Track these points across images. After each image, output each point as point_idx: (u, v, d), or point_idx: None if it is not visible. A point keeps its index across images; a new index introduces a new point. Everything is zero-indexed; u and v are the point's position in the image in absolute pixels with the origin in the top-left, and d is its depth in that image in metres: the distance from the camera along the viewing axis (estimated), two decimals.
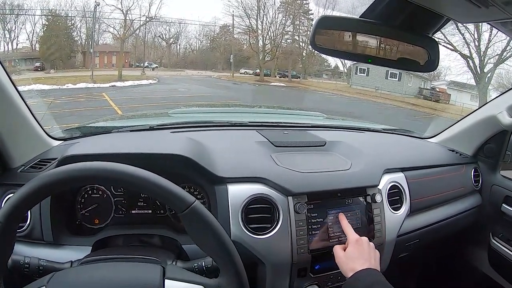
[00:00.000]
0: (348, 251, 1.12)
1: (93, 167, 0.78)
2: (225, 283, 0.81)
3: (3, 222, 0.74)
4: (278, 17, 24.74)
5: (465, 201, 1.74)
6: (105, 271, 0.86)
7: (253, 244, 1.14)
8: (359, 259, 1.08)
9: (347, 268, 1.07)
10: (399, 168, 1.49)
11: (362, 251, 1.11)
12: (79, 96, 13.33)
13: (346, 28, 0.88)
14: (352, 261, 1.08)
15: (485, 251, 1.82)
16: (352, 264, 1.07)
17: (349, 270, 1.06)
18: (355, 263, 1.06)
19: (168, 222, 1.29)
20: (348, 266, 1.07)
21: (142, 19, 22.05)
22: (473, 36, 17.49)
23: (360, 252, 1.10)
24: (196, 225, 0.80)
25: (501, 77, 17.74)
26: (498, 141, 1.75)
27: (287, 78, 24.89)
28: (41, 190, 0.76)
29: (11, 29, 19.05)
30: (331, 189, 1.26)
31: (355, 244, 1.13)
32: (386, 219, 1.34)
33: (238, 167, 1.25)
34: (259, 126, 1.70)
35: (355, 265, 1.06)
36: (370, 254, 1.12)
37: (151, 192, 0.80)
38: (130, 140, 1.42)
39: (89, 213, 1.24)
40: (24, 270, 0.90)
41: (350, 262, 1.08)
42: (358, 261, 1.07)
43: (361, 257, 1.09)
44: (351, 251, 1.11)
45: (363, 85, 22.97)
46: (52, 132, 1.41)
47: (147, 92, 15.69)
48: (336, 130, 1.90)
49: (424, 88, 21.91)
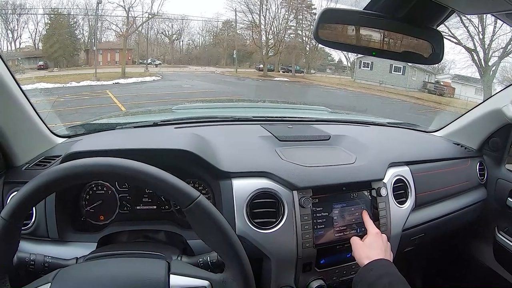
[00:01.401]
0: (367, 240, 1.16)
1: (97, 162, 0.78)
2: (230, 278, 0.81)
3: (8, 220, 0.74)
4: (281, 12, 24.71)
5: (470, 195, 1.73)
6: (111, 267, 0.86)
7: (258, 238, 1.14)
8: (376, 249, 1.11)
9: (363, 255, 1.10)
10: (404, 162, 1.49)
11: (380, 243, 1.14)
12: (83, 94, 13.34)
13: (349, 21, 0.88)
14: (369, 249, 1.12)
15: (491, 245, 1.81)
16: (369, 252, 1.11)
17: (364, 257, 1.09)
18: (371, 252, 1.10)
19: (173, 217, 1.29)
20: (364, 253, 1.11)
21: (145, 16, 22.08)
22: (477, 29, 17.36)
23: (378, 243, 1.14)
24: (201, 219, 0.79)
25: (506, 70, 17.67)
26: (503, 135, 1.74)
27: (290, 73, 24.87)
28: (45, 187, 0.76)
29: (13, 28, 19.14)
30: (336, 183, 1.25)
31: (375, 235, 1.17)
32: (391, 213, 1.33)
33: (242, 161, 1.25)
34: (263, 121, 1.70)
35: (371, 254, 1.09)
36: (387, 248, 1.16)
37: (156, 187, 0.80)
38: (134, 136, 1.43)
39: (94, 209, 1.25)
40: (30, 267, 0.91)
41: (367, 249, 1.12)
42: (374, 251, 1.10)
43: (378, 247, 1.12)
44: (370, 241, 1.15)
45: (367, 79, 22.89)
46: (56, 130, 1.41)
47: (151, 89, 15.68)
48: (340, 124, 1.89)
49: (429, 82, 21.77)
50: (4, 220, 0.74)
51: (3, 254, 0.76)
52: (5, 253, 0.77)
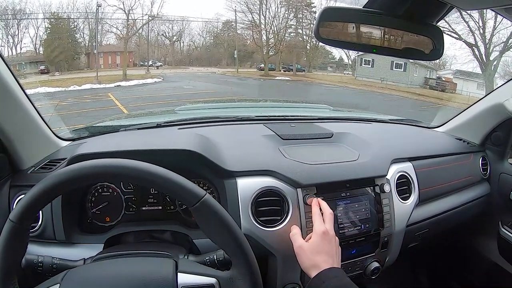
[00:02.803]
0: (312, 242, 1.03)
1: (103, 164, 0.79)
2: (237, 275, 0.82)
3: (16, 222, 0.75)
4: (280, 11, 24.77)
5: (473, 190, 1.73)
6: (118, 267, 0.87)
7: (264, 236, 1.15)
8: (322, 254, 1.00)
9: (309, 264, 1.00)
10: (407, 158, 1.49)
11: (326, 245, 1.02)
12: (85, 97, 13.40)
13: (349, 19, 0.88)
14: (315, 256, 1.00)
15: (495, 240, 1.81)
16: (314, 259, 0.99)
17: (311, 266, 0.99)
18: (317, 259, 0.99)
19: (179, 217, 1.30)
20: (310, 261, 1.00)
21: (145, 18, 22.14)
22: (477, 24, 17.34)
23: (324, 246, 1.02)
24: (207, 218, 0.80)
25: (507, 64, 17.60)
26: (506, 129, 1.74)
27: (291, 72, 24.88)
28: (53, 189, 0.77)
29: (14, 33, 19.22)
30: (340, 180, 1.26)
31: (321, 235, 1.03)
32: (395, 209, 1.34)
33: (246, 160, 1.25)
34: (266, 120, 1.70)
35: (318, 261, 0.98)
36: (335, 250, 1.04)
37: (161, 187, 0.80)
38: (138, 137, 1.43)
39: (100, 211, 1.25)
40: (38, 269, 0.91)
41: (312, 256, 1.00)
42: (321, 256, 0.99)
43: (325, 252, 1.00)
44: (315, 243, 1.02)
45: (368, 77, 22.88)
46: (60, 133, 1.42)
47: (153, 91, 15.73)
48: (343, 121, 1.90)
49: (430, 78, 21.73)
50: (13, 223, 0.75)
51: (12, 256, 0.77)
52: (15, 255, 0.78)
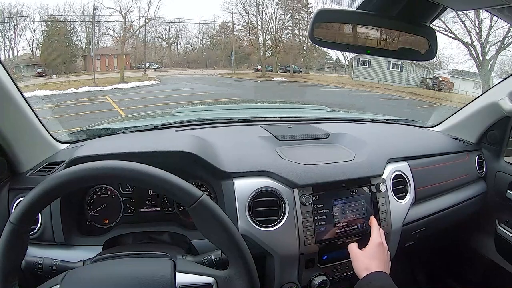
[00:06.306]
0: (368, 250, 1.14)
1: (101, 166, 0.80)
2: (234, 274, 0.83)
3: (17, 224, 0.76)
4: (277, 12, 24.73)
5: (469, 189, 1.74)
6: (117, 267, 0.88)
7: (261, 236, 1.15)
8: (375, 260, 1.10)
9: (362, 266, 1.09)
10: (403, 157, 1.50)
11: (381, 254, 1.13)
12: (82, 100, 13.36)
13: (344, 21, 0.89)
14: (369, 260, 1.10)
15: (492, 238, 1.82)
16: (368, 263, 1.09)
17: (363, 268, 1.08)
18: (371, 263, 1.08)
19: (177, 218, 1.31)
20: (363, 264, 1.09)
21: (142, 21, 22.10)
22: (473, 23, 17.38)
23: (379, 254, 1.12)
24: (204, 218, 0.81)
25: (503, 63, 17.61)
26: (501, 128, 1.75)
27: (289, 73, 24.86)
28: (52, 191, 0.78)
29: (11, 36, 19.15)
30: (336, 180, 1.26)
31: (377, 245, 1.15)
32: (391, 208, 1.35)
33: (243, 161, 1.26)
34: (262, 121, 1.72)
35: (371, 265, 1.08)
36: (386, 259, 1.14)
37: (159, 188, 0.81)
38: (136, 140, 1.43)
39: (98, 213, 1.26)
40: (38, 270, 0.92)
41: (367, 260, 1.10)
42: (374, 262, 1.09)
43: (378, 259, 1.11)
44: (370, 250, 1.13)
45: (365, 77, 22.89)
46: (58, 136, 1.42)
47: (150, 93, 15.70)
48: (339, 122, 1.91)
49: (427, 78, 21.74)
50: (13, 225, 0.76)
51: (13, 258, 0.78)
52: (15, 257, 0.79)
